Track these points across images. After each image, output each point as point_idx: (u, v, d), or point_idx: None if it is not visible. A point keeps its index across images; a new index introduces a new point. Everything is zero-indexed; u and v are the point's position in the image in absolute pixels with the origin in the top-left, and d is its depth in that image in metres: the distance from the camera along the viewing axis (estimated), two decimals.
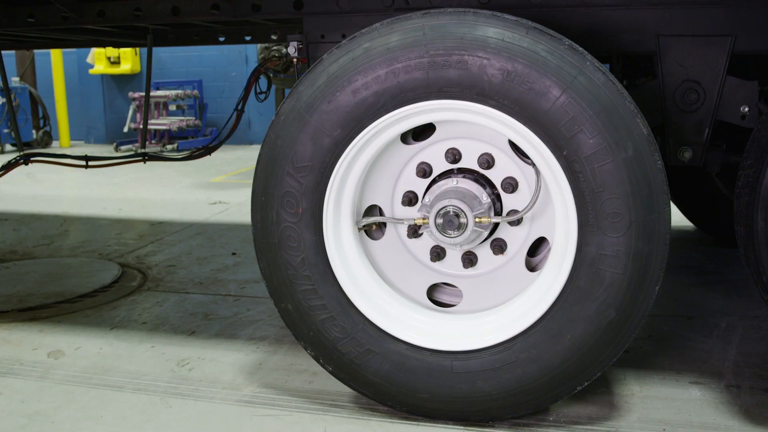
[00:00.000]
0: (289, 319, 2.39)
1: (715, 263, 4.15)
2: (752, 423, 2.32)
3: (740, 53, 2.32)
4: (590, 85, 2.02)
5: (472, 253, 2.43)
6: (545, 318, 2.19)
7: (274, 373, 2.75)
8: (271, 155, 2.28)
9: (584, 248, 2.11)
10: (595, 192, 2.05)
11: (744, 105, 2.39)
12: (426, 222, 2.31)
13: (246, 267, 4.31)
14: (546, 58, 2.03)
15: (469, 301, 2.47)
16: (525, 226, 2.38)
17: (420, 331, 2.34)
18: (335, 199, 2.30)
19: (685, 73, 2.37)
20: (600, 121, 2.01)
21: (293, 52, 2.61)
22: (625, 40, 2.38)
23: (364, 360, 2.33)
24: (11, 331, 3.21)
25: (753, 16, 2.28)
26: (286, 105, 2.26)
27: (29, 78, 12.13)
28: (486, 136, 2.33)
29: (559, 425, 2.33)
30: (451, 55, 2.07)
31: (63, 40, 4.40)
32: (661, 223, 2.06)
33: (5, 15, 3.06)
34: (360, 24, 2.35)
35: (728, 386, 2.58)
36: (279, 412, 2.44)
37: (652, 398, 2.51)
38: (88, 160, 4.49)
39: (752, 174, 2.17)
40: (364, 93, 2.16)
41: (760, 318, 3.24)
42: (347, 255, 2.38)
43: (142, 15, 2.87)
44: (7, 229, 5.38)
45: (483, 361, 2.25)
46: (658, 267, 2.08)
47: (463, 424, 2.33)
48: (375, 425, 2.34)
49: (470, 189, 2.33)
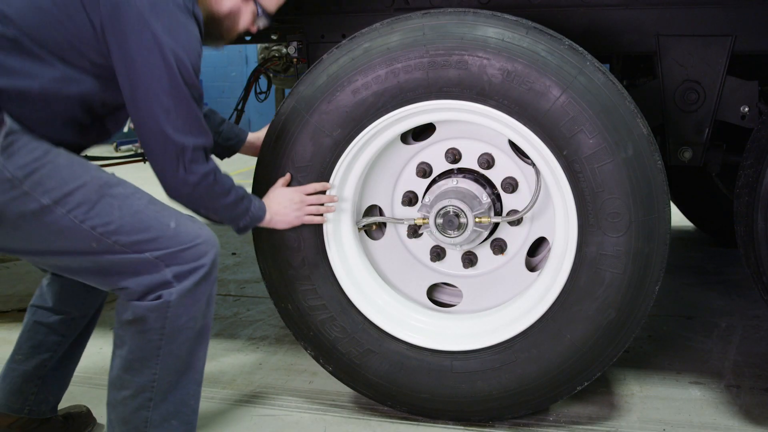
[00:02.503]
0: (289, 319, 2.39)
1: (715, 263, 4.15)
2: (752, 423, 2.33)
3: (740, 53, 2.32)
4: (590, 85, 2.02)
5: (472, 253, 2.43)
6: (545, 318, 2.19)
7: (274, 373, 2.75)
8: (271, 155, 2.28)
9: (584, 248, 2.11)
10: (595, 192, 2.05)
11: (744, 105, 2.39)
12: (426, 222, 2.31)
13: (246, 267, 4.31)
14: (546, 58, 2.03)
15: (469, 301, 2.47)
16: (525, 226, 2.38)
17: (420, 331, 2.34)
18: None
19: (685, 73, 2.37)
20: (600, 121, 2.01)
21: (293, 52, 2.61)
22: (625, 40, 2.38)
23: (364, 360, 2.33)
24: (11, 331, 3.21)
25: (753, 16, 2.28)
26: (286, 105, 2.26)
27: None
28: (486, 136, 2.33)
29: (559, 425, 2.33)
30: (451, 55, 2.07)
31: None
32: (661, 223, 2.06)
33: None
34: (360, 24, 2.35)
35: (728, 386, 2.59)
36: (279, 412, 2.44)
37: (652, 398, 2.51)
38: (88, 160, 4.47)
39: (752, 174, 2.17)
40: (364, 93, 2.16)
41: (760, 318, 3.24)
42: (347, 255, 2.38)
43: None
44: None
45: (483, 361, 2.25)
46: (658, 267, 2.08)
47: (463, 424, 2.33)
48: (375, 425, 2.34)
49: (470, 189, 2.33)
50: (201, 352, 1.90)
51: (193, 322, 1.82)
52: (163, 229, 1.77)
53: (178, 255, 1.77)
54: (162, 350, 1.80)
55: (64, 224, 1.68)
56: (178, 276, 1.77)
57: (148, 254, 1.74)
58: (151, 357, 1.80)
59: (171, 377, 1.84)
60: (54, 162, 1.69)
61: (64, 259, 1.78)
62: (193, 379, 1.89)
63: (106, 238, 1.71)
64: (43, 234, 1.70)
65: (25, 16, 1.67)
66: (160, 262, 1.76)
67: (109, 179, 1.77)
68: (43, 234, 1.70)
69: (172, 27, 1.72)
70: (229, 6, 1.95)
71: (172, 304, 1.77)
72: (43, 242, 1.72)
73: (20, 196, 1.63)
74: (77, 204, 1.68)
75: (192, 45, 1.78)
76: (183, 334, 1.81)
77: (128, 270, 1.76)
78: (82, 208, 1.69)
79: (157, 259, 1.75)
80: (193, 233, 1.81)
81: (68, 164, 1.72)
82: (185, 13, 1.77)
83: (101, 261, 1.74)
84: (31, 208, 1.65)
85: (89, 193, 1.70)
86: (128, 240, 1.73)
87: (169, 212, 1.82)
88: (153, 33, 1.69)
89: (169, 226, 1.77)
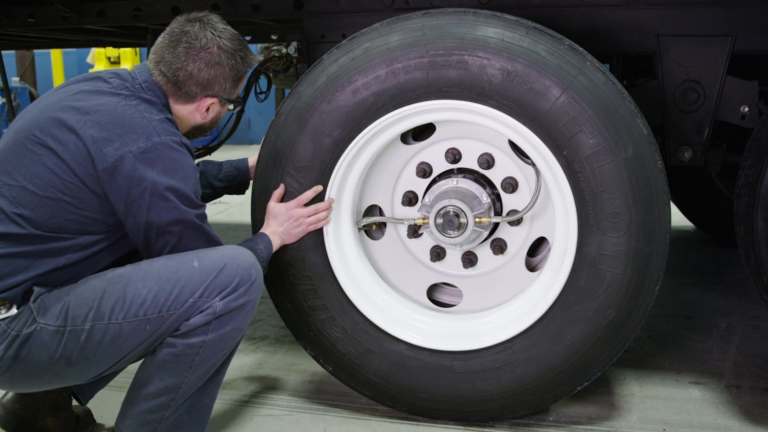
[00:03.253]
0: (289, 319, 2.39)
1: (715, 263, 4.15)
2: (752, 423, 2.33)
3: (740, 53, 2.32)
4: (590, 85, 2.02)
5: (472, 253, 2.43)
6: (545, 318, 2.19)
7: (274, 373, 2.75)
8: (271, 155, 2.28)
9: (584, 248, 2.11)
10: (595, 192, 2.05)
11: (744, 105, 2.39)
12: (426, 222, 2.31)
13: None
14: (546, 58, 2.03)
15: (469, 301, 2.47)
16: (525, 226, 2.38)
17: (420, 331, 2.34)
18: (335, 199, 2.30)
19: (685, 73, 2.36)
20: (600, 121, 2.01)
21: (293, 52, 2.61)
22: (625, 40, 2.38)
23: (364, 360, 2.33)
24: None
25: (753, 16, 2.28)
26: (286, 105, 2.26)
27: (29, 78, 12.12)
28: (486, 136, 2.33)
29: (559, 425, 2.33)
30: (451, 55, 2.07)
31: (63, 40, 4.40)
32: (661, 223, 2.06)
33: (5, 15, 3.06)
34: (360, 24, 2.35)
35: (728, 386, 2.58)
36: (279, 412, 2.44)
37: (652, 398, 2.51)
38: None
39: (752, 174, 2.17)
40: (364, 93, 2.16)
41: (760, 318, 3.24)
42: (347, 255, 2.38)
43: (142, 15, 2.87)
44: None
45: (483, 361, 2.25)
46: (658, 267, 2.08)
47: (463, 424, 2.33)
48: (375, 425, 2.34)
49: (470, 189, 2.33)
50: (231, 358, 2.03)
51: (237, 332, 1.94)
52: (189, 272, 1.87)
53: (212, 284, 1.87)
54: (199, 357, 1.90)
55: (113, 331, 1.83)
56: (222, 296, 1.88)
57: (190, 300, 1.85)
58: (187, 363, 1.90)
59: (200, 381, 1.94)
60: (75, 292, 1.86)
61: (136, 354, 1.90)
62: (218, 382, 2.02)
63: (152, 315, 1.84)
64: (106, 351, 1.84)
65: (41, 211, 1.84)
66: (202, 300, 1.86)
67: (124, 270, 1.90)
68: (106, 351, 1.84)
69: (167, 167, 1.88)
70: (211, 117, 2.16)
71: (212, 327, 1.88)
72: (111, 356, 1.86)
73: (70, 337, 1.81)
74: (111, 308, 1.83)
75: (188, 174, 1.94)
76: (225, 343, 1.94)
77: (180, 321, 1.87)
78: (116, 308, 1.83)
79: (200, 299, 1.86)
80: (217, 260, 1.90)
81: (85, 285, 1.88)
82: (175, 148, 1.91)
83: (162, 333, 1.87)
84: (83, 339, 1.81)
85: (113, 292, 1.84)
86: (168, 303, 1.84)
87: (189, 256, 1.92)
88: (151, 181, 1.85)
89: (193, 267, 1.87)
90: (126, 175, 1.84)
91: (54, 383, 1.90)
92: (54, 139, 1.86)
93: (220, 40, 2.04)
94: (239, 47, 2.09)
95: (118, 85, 1.97)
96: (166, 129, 1.92)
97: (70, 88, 1.97)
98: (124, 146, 1.85)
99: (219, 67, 2.04)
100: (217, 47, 2.03)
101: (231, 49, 2.06)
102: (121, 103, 1.91)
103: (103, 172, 1.84)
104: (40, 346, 1.80)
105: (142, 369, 1.94)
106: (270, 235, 2.22)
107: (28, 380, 1.86)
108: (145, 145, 1.86)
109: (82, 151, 1.84)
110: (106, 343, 1.83)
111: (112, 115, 1.88)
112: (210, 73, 2.04)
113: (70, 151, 1.85)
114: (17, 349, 1.79)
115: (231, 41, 2.07)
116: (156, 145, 1.87)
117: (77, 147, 1.85)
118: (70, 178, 1.85)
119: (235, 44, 2.08)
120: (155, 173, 1.86)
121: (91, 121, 1.87)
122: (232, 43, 2.07)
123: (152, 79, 2.03)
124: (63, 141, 1.86)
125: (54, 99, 1.95)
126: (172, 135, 1.92)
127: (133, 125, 1.88)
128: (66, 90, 1.97)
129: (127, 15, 2.89)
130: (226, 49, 2.05)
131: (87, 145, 1.84)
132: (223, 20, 2.11)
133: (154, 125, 1.90)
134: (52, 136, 1.87)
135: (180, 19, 2.07)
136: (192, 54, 2.01)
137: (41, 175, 1.85)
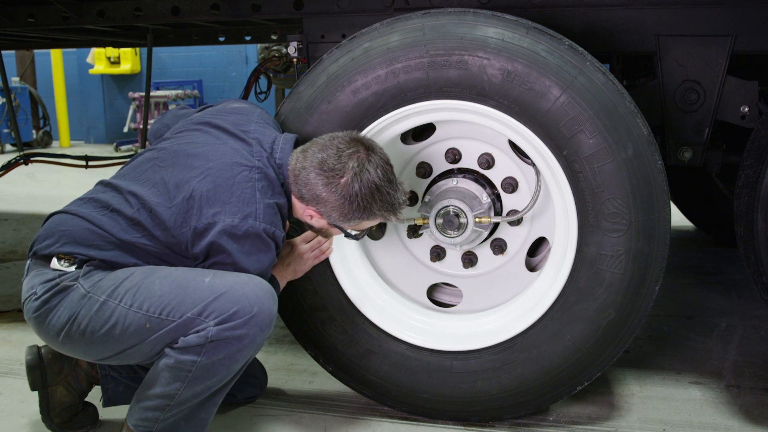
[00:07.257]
0: (289, 319, 2.39)
1: (715, 263, 4.15)
2: (752, 423, 2.33)
3: (740, 53, 2.32)
4: (590, 85, 2.02)
5: (472, 253, 2.43)
6: (545, 318, 2.19)
7: (274, 373, 2.74)
8: None
9: (584, 248, 2.11)
10: (595, 192, 2.05)
11: (744, 105, 2.39)
12: (426, 222, 2.31)
13: None
14: (546, 58, 2.03)
15: (469, 301, 2.47)
16: (525, 226, 2.38)
17: (420, 331, 2.34)
18: None
19: (685, 73, 2.37)
20: (600, 121, 2.01)
21: (293, 52, 2.61)
22: (625, 40, 2.38)
23: (364, 360, 2.33)
24: (11, 332, 3.21)
25: (753, 16, 2.28)
26: (286, 105, 2.27)
27: (29, 78, 12.13)
28: (486, 136, 2.33)
29: (559, 425, 2.33)
30: (451, 55, 2.07)
31: (63, 40, 4.41)
32: (661, 223, 2.06)
33: (5, 15, 3.06)
34: (360, 24, 2.35)
35: (728, 386, 2.59)
36: (279, 412, 2.44)
37: (652, 398, 2.51)
38: (88, 160, 4.49)
39: (752, 174, 2.17)
40: (364, 93, 2.16)
41: (760, 318, 3.24)
42: (347, 255, 2.38)
43: (142, 15, 2.88)
44: (7, 229, 5.38)
45: (483, 361, 2.25)
46: (658, 267, 2.08)
47: (463, 424, 2.33)
48: (375, 425, 2.34)
49: (470, 189, 2.33)
50: (231, 384, 2.02)
51: (231, 362, 1.92)
52: (199, 285, 1.89)
53: (210, 305, 1.86)
54: (192, 375, 1.90)
55: (118, 315, 1.88)
56: (218, 322, 1.85)
57: (188, 315, 1.86)
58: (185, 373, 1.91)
59: (196, 399, 1.95)
60: (111, 273, 1.94)
61: (136, 354, 1.94)
62: (216, 402, 2.02)
63: (153, 314, 1.87)
64: (107, 334, 1.89)
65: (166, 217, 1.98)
66: (200, 319, 1.86)
67: (152, 268, 1.97)
68: (107, 334, 1.89)
69: (246, 250, 1.94)
70: (317, 226, 2.15)
71: (208, 346, 1.87)
72: (111, 342, 1.90)
73: (88, 303, 1.90)
74: (125, 292, 1.89)
75: (263, 263, 1.98)
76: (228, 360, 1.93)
77: (177, 335, 1.88)
78: (129, 293, 1.89)
79: (198, 317, 1.86)
80: (224, 284, 1.89)
81: (123, 270, 1.96)
82: (263, 238, 1.95)
83: (159, 339, 1.89)
84: (94, 310, 1.88)
85: (135, 280, 1.91)
86: (169, 307, 1.87)
87: (209, 272, 1.94)
88: (228, 254, 1.94)
89: (203, 282, 1.89)
90: (209, 239, 1.92)
91: (64, 347, 1.97)
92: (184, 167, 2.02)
93: (355, 179, 1.97)
94: (368, 200, 1.98)
95: (255, 152, 2.04)
96: (267, 216, 1.95)
97: (222, 125, 2.12)
98: (221, 214, 1.92)
99: (333, 195, 1.98)
100: (345, 180, 1.97)
101: (354, 194, 1.97)
102: (243, 173, 1.97)
103: (193, 230, 1.94)
104: (67, 303, 1.91)
105: (150, 370, 1.96)
106: (280, 280, 2.20)
107: (46, 331, 1.95)
108: (238, 222, 1.91)
109: (189, 201, 1.95)
110: (109, 325, 1.87)
111: (229, 182, 1.95)
112: (322, 192, 2.00)
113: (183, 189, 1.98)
114: (52, 296, 1.92)
115: (366, 188, 1.97)
116: (247, 228, 1.91)
117: (188, 190, 1.96)
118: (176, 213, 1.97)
119: (365, 193, 1.97)
120: (235, 248, 1.93)
121: (211, 176, 1.96)
122: (362, 191, 1.97)
123: (287, 162, 2.05)
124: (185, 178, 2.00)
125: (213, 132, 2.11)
126: (267, 224, 1.95)
127: (240, 199, 1.93)
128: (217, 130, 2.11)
129: (127, 15, 2.89)
130: (351, 190, 1.97)
131: (194, 197, 1.95)
132: (385, 167, 2.01)
133: (258, 207, 1.94)
134: (182, 165, 2.02)
135: (350, 134, 2.05)
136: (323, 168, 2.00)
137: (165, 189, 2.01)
